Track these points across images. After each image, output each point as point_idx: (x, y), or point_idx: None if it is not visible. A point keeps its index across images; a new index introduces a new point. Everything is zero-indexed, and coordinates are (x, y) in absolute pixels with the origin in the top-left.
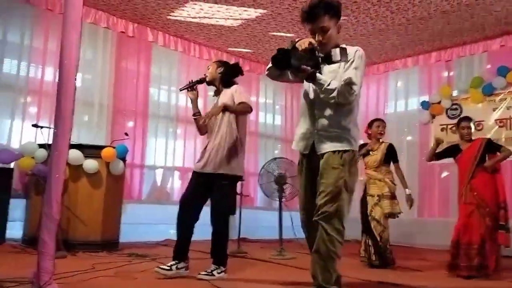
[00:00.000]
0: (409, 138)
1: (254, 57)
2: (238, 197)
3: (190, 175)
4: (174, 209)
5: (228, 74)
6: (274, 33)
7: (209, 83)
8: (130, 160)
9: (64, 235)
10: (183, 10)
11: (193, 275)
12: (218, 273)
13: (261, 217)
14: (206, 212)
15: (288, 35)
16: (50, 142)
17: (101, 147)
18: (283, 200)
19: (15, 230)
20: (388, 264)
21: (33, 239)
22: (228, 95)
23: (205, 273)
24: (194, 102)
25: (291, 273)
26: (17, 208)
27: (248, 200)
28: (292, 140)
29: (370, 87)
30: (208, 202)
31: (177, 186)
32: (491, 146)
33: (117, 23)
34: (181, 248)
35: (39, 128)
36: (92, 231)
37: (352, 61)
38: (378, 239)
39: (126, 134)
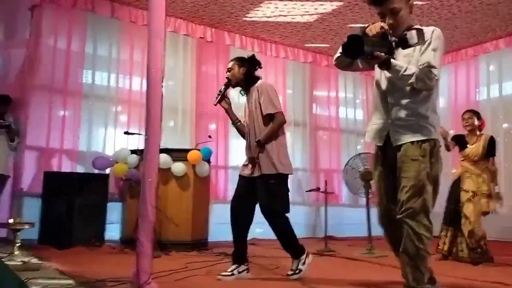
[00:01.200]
0: (505, 125)
1: (332, 51)
2: (322, 194)
3: None
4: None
5: (251, 72)
6: (352, 25)
7: (235, 86)
8: (215, 162)
9: (157, 236)
10: (258, 10)
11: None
12: (303, 264)
13: (347, 215)
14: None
15: (366, 25)
16: (141, 147)
17: (187, 150)
18: (370, 196)
19: (113, 232)
20: (481, 261)
21: (130, 240)
22: (254, 95)
23: (292, 272)
24: (230, 110)
25: (383, 271)
26: (113, 211)
27: (332, 197)
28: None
29: (459, 73)
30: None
31: None
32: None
33: (195, 29)
34: (239, 251)
35: (130, 135)
36: (182, 232)
37: (429, 43)
38: (466, 235)
39: (210, 136)
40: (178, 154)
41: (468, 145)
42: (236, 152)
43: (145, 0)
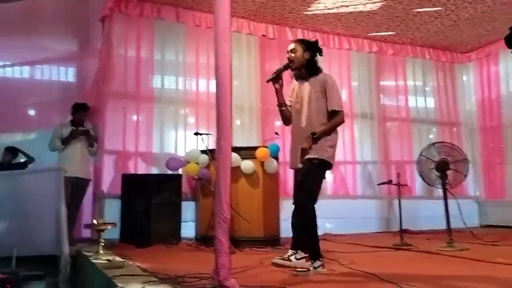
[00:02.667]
0: None
1: (398, 38)
2: (394, 187)
3: (342, 168)
4: (328, 203)
5: (314, 59)
6: (418, 10)
7: (295, 69)
8: (282, 158)
9: (230, 233)
10: (319, 3)
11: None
12: (314, 267)
13: (421, 207)
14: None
15: (434, 9)
16: (210, 147)
17: (255, 148)
18: (447, 187)
19: (188, 229)
20: None
21: (204, 237)
22: (317, 86)
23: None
24: (280, 92)
25: (467, 265)
26: (188, 209)
27: (405, 190)
28: (448, 121)
29: None
30: None
31: (329, 180)
32: None
33: (258, 27)
34: (295, 245)
35: (199, 136)
36: (255, 228)
37: None
38: None
39: (277, 133)
40: (247, 152)
41: None
42: None
43: (208, 4)
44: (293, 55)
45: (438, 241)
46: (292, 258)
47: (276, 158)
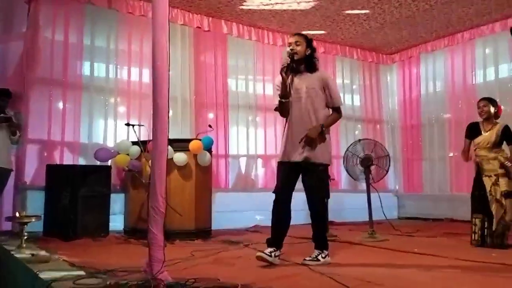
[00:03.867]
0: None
1: (329, 37)
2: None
3: (272, 162)
4: (260, 196)
5: (314, 56)
6: (349, 11)
7: (294, 62)
8: (215, 151)
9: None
10: None
11: (291, 260)
12: (323, 257)
13: (346, 200)
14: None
15: (363, 11)
16: (142, 138)
17: (188, 140)
18: (370, 182)
19: (116, 222)
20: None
21: (134, 230)
22: (316, 82)
23: (310, 258)
24: (286, 82)
25: (386, 255)
26: (116, 202)
27: (332, 183)
28: (373, 119)
29: (455, 58)
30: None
31: (260, 173)
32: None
33: (192, 18)
34: (279, 237)
35: (131, 126)
36: (186, 221)
37: None
38: (496, 221)
39: (210, 126)
40: (180, 144)
41: (482, 132)
42: (235, 140)
43: None
44: (297, 48)
45: (361, 232)
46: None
47: (209, 150)
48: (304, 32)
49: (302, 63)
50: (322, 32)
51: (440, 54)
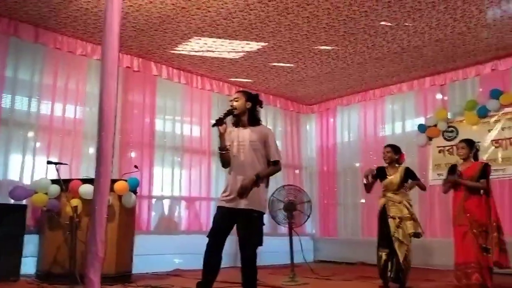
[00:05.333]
0: (407, 159)
1: (254, 86)
2: None
3: (197, 204)
4: (182, 239)
5: (255, 110)
6: (275, 64)
7: (236, 116)
8: (139, 192)
9: (80, 268)
10: (187, 44)
11: None
12: None
13: (267, 243)
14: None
15: (288, 65)
16: (63, 177)
17: (113, 181)
18: (292, 226)
19: (28, 265)
20: (403, 284)
21: (47, 274)
22: (257, 136)
23: None
24: (223, 136)
25: None
26: (30, 243)
27: None
28: (293, 164)
29: (368, 112)
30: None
31: (184, 215)
32: (484, 173)
33: (122, 58)
34: (208, 284)
35: (52, 165)
36: (106, 264)
37: None
38: (402, 258)
39: (136, 166)
40: None
41: (387, 176)
42: (160, 181)
43: (72, 28)
44: (235, 103)
45: (281, 276)
46: None
47: (135, 191)
48: (232, 79)
49: (244, 117)
50: (249, 80)
51: (354, 108)
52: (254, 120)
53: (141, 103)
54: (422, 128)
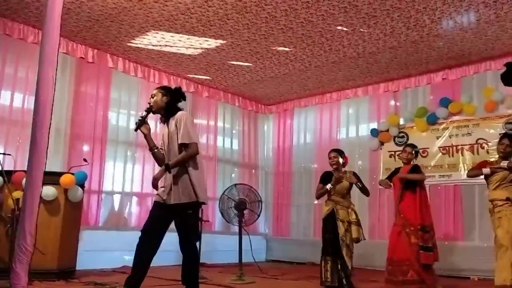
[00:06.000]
0: (359, 162)
1: (213, 83)
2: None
3: (148, 200)
4: (132, 235)
5: (173, 103)
6: (233, 62)
7: (155, 112)
8: (88, 186)
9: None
10: (144, 38)
11: None
12: None
13: (219, 242)
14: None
15: (246, 64)
16: (7, 169)
17: (59, 174)
18: (243, 225)
19: None
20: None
21: None
22: (173, 126)
23: None
24: (149, 136)
25: None
26: None
27: (206, 225)
28: (249, 164)
29: (324, 115)
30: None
31: (135, 211)
32: (416, 171)
33: (76, 48)
34: (138, 278)
35: None
36: (48, 260)
37: None
38: (350, 264)
39: (85, 160)
40: (49, 177)
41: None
42: (111, 176)
43: (24, 14)
44: (152, 99)
45: (230, 275)
46: None
47: (82, 186)
48: (190, 75)
49: (163, 111)
50: (207, 77)
51: (311, 110)
52: (170, 112)
53: (94, 95)
54: (374, 132)
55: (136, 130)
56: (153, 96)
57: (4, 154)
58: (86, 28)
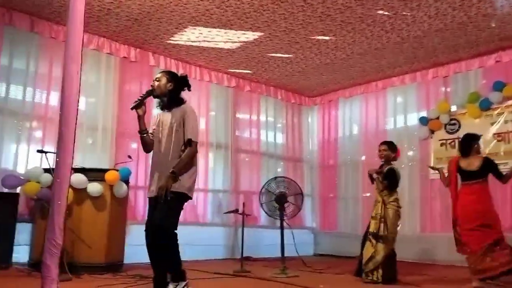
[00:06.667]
0: (409, 153)
1: (254, 77)
2: (240, 216)
3: (194, 195)
4: (179, 230)
5: (177, 90)
6: (272, 54)
7: (156, 97)
8: (134, 182)
9: (69, 258)
10: (183, 34)
11: None
12: None
13: (264, 236)
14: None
15: (286, 55)
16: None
17: (104, 171)
18: (284, 218)
19: (21, 254)
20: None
21: (39, 263)
22: (177, 117)
23: None
24: (142, 118)
25: None
26: (23, 232)
27: (250, 219)
28: (293, 157)
29: (369, 104)
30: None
31: None
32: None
33: (119, 48)
34: (159, 274)
35: (44, 153)
36: (96, 254)
37: None
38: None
39: (129, 156)
40: (95, 174)
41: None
42: None
43: (66, 16)
44: (156, 83)
45: (274, 269)
46: None
47: (127, 182)
48: (231, 70)
49: (165, 98)
50: (248, 71)
51: (356, 100)
52: (175, 102)
53: (138, 94)
54: (424, 120)
55: (132, 109)
56: (157, 79)
57: (50, 152)
58: (126, 28)
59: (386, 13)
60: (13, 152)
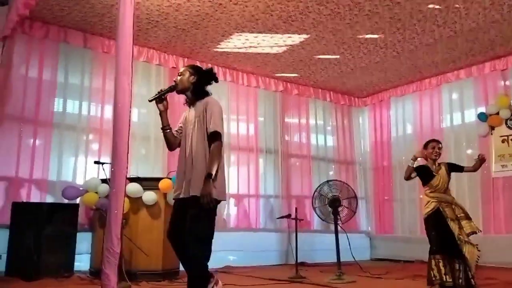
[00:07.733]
0: (468, 151)
1: (302, 80)
2: (292, 221)
3: (245, 201)
4: (232, 236)
5: (202, 84)
6: (320, 56)
7: (180, 92)
8: None
9: (127, 265)
10: (229, 41)
11: None
12: None
13: (319, 240)
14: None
15: (333, 56)
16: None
17: (158, 179)
18: (338, 222)
19: (82, 262)
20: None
21: (99, 271)
22: (200, 110)
23: None
24: (164, 114)
25: None
26: (83, 241)
27: (304, 223)
28: (345, 160)
29: (423, 102)
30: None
31: (233, 212)
32: None
33: (168, 59)
34: (189, 279)
35: (100, 164)
36: (153, 261)
37: None
38: (472, 263)
39: None
40: (149, 183)
41: (435, 174)
42: None
43: (116, 31)
44: (179, 77)
45: (330, 274)
46: None
47: None
48: (278, 74)
49: (189, 93)
50: (295, 75)
51: (409, 98)
52: (199, 94)
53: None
54: (483, 117)
55: (150, 101)
56: (180, 74)
57: (105, 163)
58: (174, 38)
59: (437, 6)
60: (72, 165)
